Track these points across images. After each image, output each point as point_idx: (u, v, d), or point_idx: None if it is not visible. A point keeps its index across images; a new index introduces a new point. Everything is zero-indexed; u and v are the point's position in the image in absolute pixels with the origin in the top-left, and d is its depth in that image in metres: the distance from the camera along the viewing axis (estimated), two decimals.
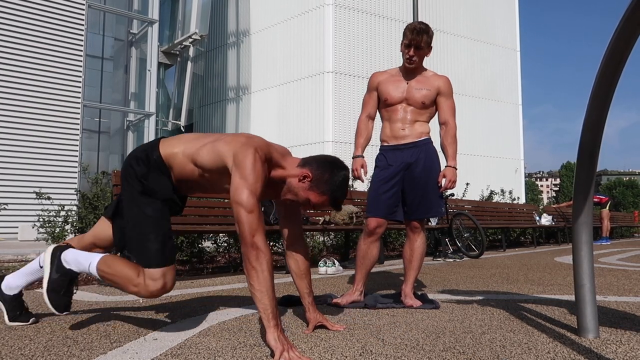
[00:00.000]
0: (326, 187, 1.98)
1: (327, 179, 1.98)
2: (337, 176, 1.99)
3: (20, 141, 9.39)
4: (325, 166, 2.00)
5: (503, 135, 16.64)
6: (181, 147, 2.06)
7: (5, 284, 2.24)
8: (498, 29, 17.02)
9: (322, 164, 2.01)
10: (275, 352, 1.71)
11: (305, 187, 1.99)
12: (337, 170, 2.00)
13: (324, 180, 1.97)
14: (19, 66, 9.47)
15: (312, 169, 1.99)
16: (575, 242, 2.06)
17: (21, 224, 8.80)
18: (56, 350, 1.86)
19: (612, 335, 2.11)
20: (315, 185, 1.98)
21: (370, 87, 3.02)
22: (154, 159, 2.04)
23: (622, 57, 1.71)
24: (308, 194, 1.99)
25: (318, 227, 5.30)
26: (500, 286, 3.75)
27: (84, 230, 5.32)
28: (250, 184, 1.82)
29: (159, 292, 2.00)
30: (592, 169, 1.99)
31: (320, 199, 1.99)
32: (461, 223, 7.20)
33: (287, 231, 2.21)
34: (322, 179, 1.97)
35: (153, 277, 1.99)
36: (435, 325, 2.29)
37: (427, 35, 2.82)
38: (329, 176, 1.98)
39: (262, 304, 1.77)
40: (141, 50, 13.38)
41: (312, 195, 1.99)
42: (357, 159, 2.96)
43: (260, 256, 1.77)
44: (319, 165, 2.00)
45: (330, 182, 1.98)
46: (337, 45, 12.95)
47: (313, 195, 1.99)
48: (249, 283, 1.79)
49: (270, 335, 1.75)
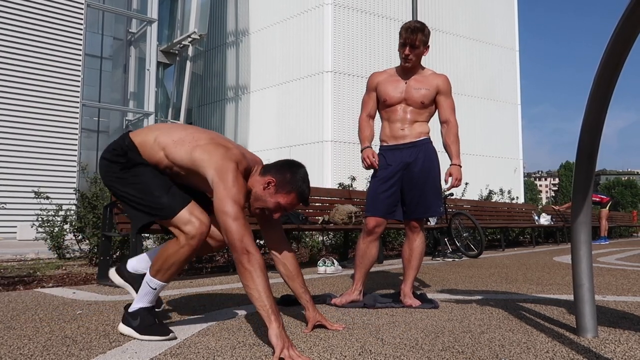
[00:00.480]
0: (291, 186, 2.07)
1: (289, 178, 2.08)
2: (298, 174, 2.10)
3: (19, 140, 9.37)
4: (284, 168, 2.11)
5: (502, 135, 16.65)
6: (154, 134, 2.11)
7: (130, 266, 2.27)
8: (497, 28, 17.02)
9: (280, 167, 2.12)
10: (276, 349, 1.72)
11: (271, 192, 2.08)
12: (296, 169, 2.12)
13: (286, 180, 2.07)
14: (18, 65, 9.46)
15: (273, 174, 2.09)
16: (574, 241, 2.06)
17: (20, 223, 8.79)
18: (55, 349, 1.85)
19: (610, 334, 2.11)
20: (281, 187, 2.07)
21: (369, 88, 3.02)
22: (125, 145, 2.09)
23: (620, 58, 1.72)
24: (276, 198, 2.08)
25: (317, 226, 5.30)
26: (499, 286, 3.75)
27: (82, 230, 5.32)
28: (233, 194, 1.90)
29: (200, 229, 1.98)
30: (591, 169, 2.00)
31: (289, 199, 2.08)
32: (460, 223, 7.20)
33: (268, 236, 2.27)
34: (285, 180, 2.07)
35: (184, 222, 1.99)
36: (435, 325, 2.29)
37: (422, 33, 2.81)
38: (291, 176, 2.08)
39: (260, 302, 1.80)
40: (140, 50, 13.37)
41: (280, 197, 2.08)
42: (366, 149, 2.93)
43: (251, 258, 1.83)
44: (278, 169, 2.11)
45: (293, 180, 2.08)
46: (337, 45, 12.94)
47: (281, 197, 2.08)
48: (245, 285, 1.83)
49: (271, 332, 1.76)
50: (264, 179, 2.08)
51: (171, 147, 2.06)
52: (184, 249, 1.98)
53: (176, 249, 1.99)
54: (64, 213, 5.61)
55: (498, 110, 16.67)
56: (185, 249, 1.98)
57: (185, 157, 2.03)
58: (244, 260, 1.83)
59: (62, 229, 5.55)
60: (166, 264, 2.00)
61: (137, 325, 2.02)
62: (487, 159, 15.99)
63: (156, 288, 2.04)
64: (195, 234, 1.98)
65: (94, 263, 4.95)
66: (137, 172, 2.07)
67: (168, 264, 2.00)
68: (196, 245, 1.99)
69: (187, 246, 1.98)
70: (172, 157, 2.06)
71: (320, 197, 5.86)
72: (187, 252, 1.99)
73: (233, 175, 1.94)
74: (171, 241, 2.02)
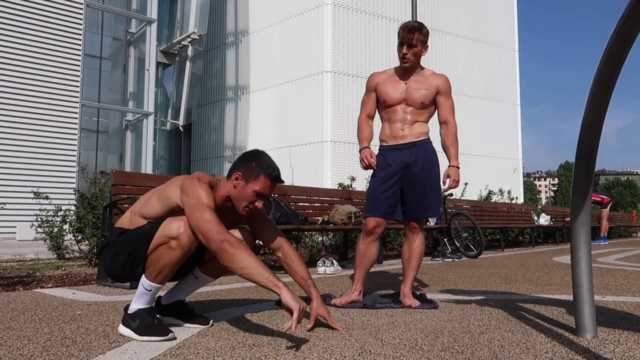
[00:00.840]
0: (257, 171, 2.11)
1: (253, 165, 2.12)
2: (260, 157, 2.15)
3: (19, 140, 9.37)
4: (245, 158, 2.16)
5: (501, 135, 16.65)
6: (129, 211, 2.20)
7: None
8: (497, 29, 17.03)
9: (241, 160, 2.17)
10: (294, 309, 1.77)
11: (243, 185, 2.11)
12: (255, 155, 2.16)
13: (251, 168, 2.12)
14: (17, 65, 9.45)
15: (237, 170, 2.14)
16: (574, 242, 2.06)
17: (19, 223, 8.79)
18: (55, 350, 1.85)
19: (610, 335, 2.11)
20: (248, 176, 2.11)
21: (369, 88, 3.02)
22: (113, 233, 2.15)
23: (620, 58, 1.72)
24: (250, 187, 2.11)
25: (317, 227, 5.29)
26: (498, 286, 3.76)
27: (82, 230, 5.32)
28: (200, 200, 1.97)
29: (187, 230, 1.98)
30: (591, 170, 2.00)
31: (261, 183, 2.11)
32: (460, 223, 7.21)
33: (266, 239, 2.32)
34: (250, 168, 2.12)
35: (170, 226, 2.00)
36: (434, 325, 2.29)
37: (419, 32, 2.82)
38: (254, 162, 2.13)
39: (261, 275, 1.83)
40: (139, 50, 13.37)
41: (253, 185, 2.11)
42: (364, 150, 2.93)
43: (233, 243, 1.87)
44: (240, 163, 2.16)
45: (258, 165, 2.12)
46: (336, 45, 12.94)
47: (254, 185, 2.11)
48: (237, 269, 1.86)
49: (285, 296, 1.80)
50: (232, 178, 2.13)
51: (144, 208, 2.12)
52: (175, 251, 1.99)
53: (166, 252, 2.00)
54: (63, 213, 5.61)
55: (497, 111, 16.67)
56: (177, 251, 1.99)
57: (157, 205, 2.09)
58: (227, 247, 1.86)
59: (61, 229, 5.55)
60: (157, 266, 2.01)
61: (136, 327, 2.02)
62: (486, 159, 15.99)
63: (151, 290, 2.04)
64: (181, 233, 1.98)
65: (94, 263, 4.95)
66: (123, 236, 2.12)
67: (159, 266, 2.01)
68: (186, 246, 1.99)
69: (178, 248, 1.98)
70: (149, 214, 2.10)
71: (319, 197, 5.86)
72: (178, 254, 1.99)
73: (197, 185, 2.01)
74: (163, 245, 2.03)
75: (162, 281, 2.05)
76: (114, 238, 2.11)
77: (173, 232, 1.98)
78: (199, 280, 2.31)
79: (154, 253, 2.02)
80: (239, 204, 2.13)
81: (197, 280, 2.31)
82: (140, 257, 2.04)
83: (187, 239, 1.98)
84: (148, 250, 2.03)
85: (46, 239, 5.59)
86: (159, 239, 2.01)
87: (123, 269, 2.08)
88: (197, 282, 2.32)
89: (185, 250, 2.00)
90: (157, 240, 2.01)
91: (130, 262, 2.05)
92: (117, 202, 3.80)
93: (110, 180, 3.91)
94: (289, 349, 1.86)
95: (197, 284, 2.34)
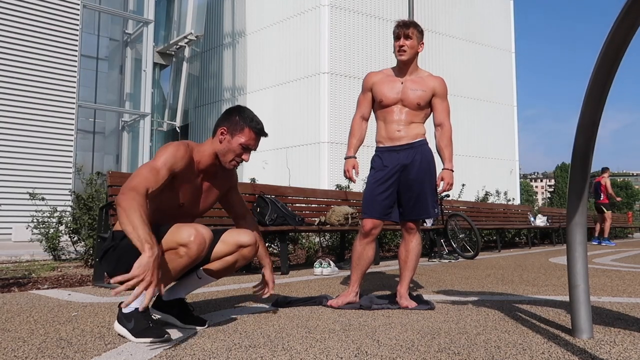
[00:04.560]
0: (241, 124, 2.20)
1: (236, 119, 2.21)
2: (243, 112, 2.23)
3: (15, 141, 9.33)
4: (228, 114, 2.24)
5: (498, 136, 16.69)
6: None
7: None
8: (493, 30, 17.07)
9: (224, 116, 2.25)
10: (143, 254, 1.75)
11: (229, 139, 2.19)
12: (238, 110, 2.23)
13: (234, 122, 2.20)
14: (13, 66, 9.42)
15: (221, 125, 2.22)
16: (570, 243, 2.07)
17: (15, 224, 8.75)
18: (50, 352, 1.85)
19: (606, 335, 2.11)
20: (233, 129, 2.19)
21: (365, 88, 3.02)
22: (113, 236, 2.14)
23: (615, 60, 1.72)
24: (236, 141, 2.19)
25: (313, 228, 5.29)
26: (495, 287, 3.76)
27: (78, 231, 5.30)
28: (157, 160, 2.02)
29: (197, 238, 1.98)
30: (586, 171, 2.00)
31: (246, 135, 2.20)
32: (456, 224, 7.22)
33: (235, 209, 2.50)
34: (234, 122, 2.20)
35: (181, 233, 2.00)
36: (431, 326, 2.30)
37: (414, 27, 2.85)
38: (236, 116, 2.21)
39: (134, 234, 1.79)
40: (136, 51, 13.34)
41: (238, 138, 2.19)
42: (348, 160, 2.96)
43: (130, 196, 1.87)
44: (224, 118, 2.24)
45: (242, 119, 2.20)
46: (333, 46, 12.95)
47: (239, 137, 2.19)
48: (121, 222, 1.85)
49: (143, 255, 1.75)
50: (217, 135, 2.20)
51: None
52: (183, 259, 1.99)
53: (173, 258, 1.99)
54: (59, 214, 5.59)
55: (494, 112, 16.71)
56: (184, 259, 1.99)
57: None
58: (121, 198, 1.86)
59: (57, 231, 5.53)
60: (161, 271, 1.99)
61: (132, 328, 2.01)
62: (483, 160, 16.03)
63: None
64: (191, 242, 1.96)
65: (90, 265, 4.93)
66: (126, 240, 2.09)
67: (163, 270, 1.99)
68: (194, 255, 1.98)
69: (186, 256, 1.98)
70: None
71: (316, 198, 5.86)
72: (184, 262, 1.99)
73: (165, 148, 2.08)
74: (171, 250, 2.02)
75: (164, 285, 2.04)
76: (117, 242, 2.09)
77: (183, 239, 1.96)
78: (202, 280, 2.31)
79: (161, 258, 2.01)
80: (226, 158, 2.20)
81: (199, 280, 2.31)
82: None
83: (197, 248, 1.97)
84: None
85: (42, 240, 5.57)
86: (168, 244, 1.99)
87: None
88: (199, 281, 2.32)
89: (192, 259, 1.99)
90: (166, 245, 1.99)
91: None
92: (113, 203, 3.79)
93: (107, 181, 3.90)
94: (285, 350, 1.86)
95: (199, 284, 2.34)
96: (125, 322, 2.03)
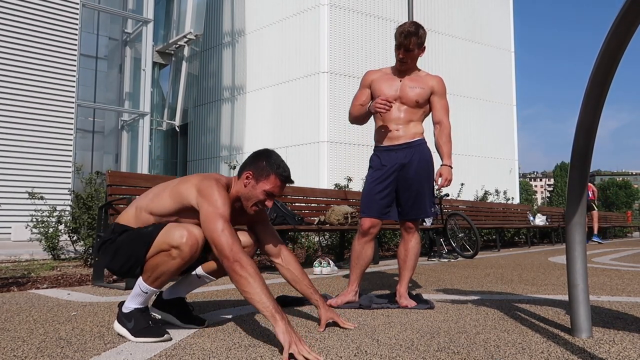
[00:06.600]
0: (268, 170, 2.10)
1: (264, 165, 2.11)
2: (271, 158, 2.13)
3: (14, 141, 9.33)
4: (256, 158, 2.14)
5: (497, 135, 16.70)
6: (133, 206, 2.17)
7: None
8: (493, 30, 17.08)
9: (251, 160, 2.16)
10: (284, 345, 1.73)
11: (253, 185, 2.11)
12: (266, 155, 2.14)
13: (261, 167, 2.10)
14: (12, 65, 9.41)
15: (247, 169, 2.13)
16: (569, 242, 2.07)
17: (14, 224, 8.75)
18: (49, 351, 1.85)
19: (605, 335, 2.12)
20: (259, 175, 2.10)
21: (364, 84, 3.01)
22: (114, 230, 2.12)
23: (615, 59, 1.72)
24: (261, 187, 2.10)
25: (313, 227, 5.29)
26: (494, 286, 3.76)
27: (77, 231, 5.30)
28: (218, 207, 1.94)
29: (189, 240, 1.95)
30: (586, 170, 2.00)
31: (271, 183, 2.10)
32: (456, 223, 7.22)
33: (269, 246, 2.30)
34: (260, 168, 2.10)
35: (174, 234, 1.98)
36: (430, 326, 2.30)
37: (415, 37, 2.81)
38: (264, 162, 2.11)
39: (262, 304, 1.81)
40: (135, 50, 13.33)
41: (263, 185, 2.10)
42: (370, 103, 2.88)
43: (243, 264, 1.85)
44: (251, 162, 2.14)
45: (269, 165, 2.11)
46: (333, 46, 12.95)
47: (264, 184, 2.10)
48: (243, 291, 1.84)
49: (278, 330, 1.77)
50: (242, 178, 2.12)
51: (152, 204, 2.10)
52: (176, 260, 1.97)
53: (166, 259, 1.98)
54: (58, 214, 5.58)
55: (493, 111, 16.72)
56: (177, 260, 1.97)
57: (168, 202, 2.07)
58: (237, 267, 1.84)
59: (56, 230, 5.52)
60: (156, 272, 2.00)
61: (132, 327, 2.01)
62: (482, 159, 16.04)
63: (147, 292, 2.03)
64: (183, 243, 1.95)
65: (89, 264, 4.93)
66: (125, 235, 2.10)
67: (157, 272, 1.99)
68: (187, 257, 1.97)
69: (179, 258, 1.96)
70: (158, 211, 2.08)
71: (316, 197, 5.86)
72: (177, 263, 1.98)
73: (215, 189, 1.98)
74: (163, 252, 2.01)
75: (160, 286, 2.04)
76: (116, 236, 2.09)
77: (175, 241, 1.95)
78: (201, 279, 2.30)
79: (154, 258, 2.00)
80: (248, 202, 2.12)
81: (199, 280, 2.31)
82: (140, 259, 2.02)
83: (189, 250, 1.96)
84: (148, 254, 2.01)
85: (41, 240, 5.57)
86: (160, 245, 1.99)
87: (122, 268, 2.08)
88: (199, 281, 2.31)
89: (185, 260, 1.98)
90: (158, 246, 1.99)
91: (130, 263, 2.04)
92: (112, 203, 3.79)
93: (106, 181, 3.90)
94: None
95: (199, 283, 2.33)
96: (125, 322, 2.03)
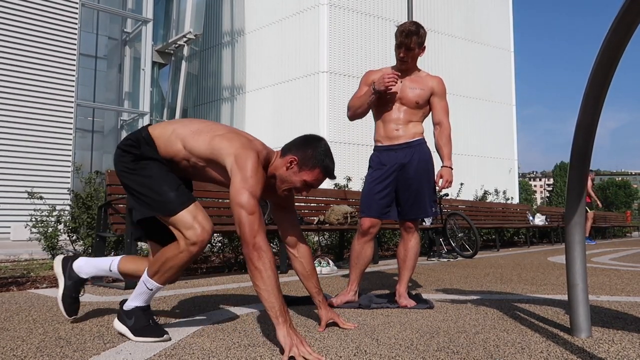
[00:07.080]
0: (314, 161, 2.03)
1: (311, 154, 2.03)
2: (319, 147, 2.05)
3: (13, 140, 9.32)
4: (304, 144, 2.06)
5: (497, 135, 16.71)
6: (172, 126, 2.08)
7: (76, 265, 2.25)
8: (492, 30, 17.09)
9: (300, 144, 2.07)
10: (285, 348, 1.72)
11: (295, 171, 2.04)
12: (316, 143, 2.06)
13: (308, 156, 2.03)
14: (12, 65, 9.40)
15: (294, 153, 2.05)
16: (568, 242, 2.07)
17: (14, 223, 8.75)
18: (49, 351, 1.84)
19: (604, 334, 2.12)
20: (304, 164, 2.03)
21: (364, 83, 3.01)
22: (142, 137, 2.05)
23: (614, 59, 1.72)
24: (301, 176, 2.04)
25: (312, 227, 5.29)
26: (494, 286, 3.77)
27: (77, 230, 5.30)
28: (250, 186, 1.85)
29: (201, 236, 1.93)
30: (585, 171, 2.00)
31: (313, 175, 2.04)
32: (455, 223, 7.22)
33: (288, 235, 2.26)
34: (307, 156, 2.03)
35: (186, 226, 1.94)
36: (429, 325, 2.30)
37: (416, 36, 2.81)
38: (312, 151, 2.04)
39: (269, 302, 1.79)
40: (135, 50, 13.32)
41: (305, 175, 2.04)
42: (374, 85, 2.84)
43: (262, 256, 1.79)
44: (299, 146, 2.06)
45: (316, 155, 2.03)
46: (332, 45, 12.95)
47: (306, 174, 2.04)
48: (254, 283, 1.81)
49: (279, 332, 1.76)
50: (286, 159, 2.04)
51: (189, 137, 2.02)
52: (183, 254, 1.95)
53: (175, 253, 1.96)
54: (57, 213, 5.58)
55: (493, 111, 16.72)
56: (185, 254, 1.95)
57: (204, 146, 1.99)
58: (254, 257, 1.78)
59: (56, 230, 5.52)
60: (164, 266, 1.98)
61: (132, 326, 2.01)
62: (482, 159, 16.04)
63: (152, 289, 2.02)
64: (196, 240, 1.93)
65: None
66: (147, 165, 2.02)
67: (166, 267, 1.98)
68: (196, 252, 1.96)
69: (187, 252, 1.94)
70: (190, 147, 2.01)
71: (315, 197, 5.86)
72: (186, 257, 1.96)
73: (253, 165, 1.88)
74: (172, 244, 1.99)
75: (165, 282, 2.03)
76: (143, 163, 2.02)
77: (188, 235, 1.94)
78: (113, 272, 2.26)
79: (163, 253, 1.99)
80: (282, 185, 2.07)
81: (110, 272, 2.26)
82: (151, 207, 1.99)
83: (199, 249, 1.95)
84: None
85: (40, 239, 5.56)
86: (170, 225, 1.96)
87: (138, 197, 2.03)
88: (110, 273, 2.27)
89: (193, 255, 1.97)
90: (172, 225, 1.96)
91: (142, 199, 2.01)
92: (112, 202, 3.79)
93: (105, 180, 3.90)
94: None
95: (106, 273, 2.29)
96: (126, 320, 2.02)
